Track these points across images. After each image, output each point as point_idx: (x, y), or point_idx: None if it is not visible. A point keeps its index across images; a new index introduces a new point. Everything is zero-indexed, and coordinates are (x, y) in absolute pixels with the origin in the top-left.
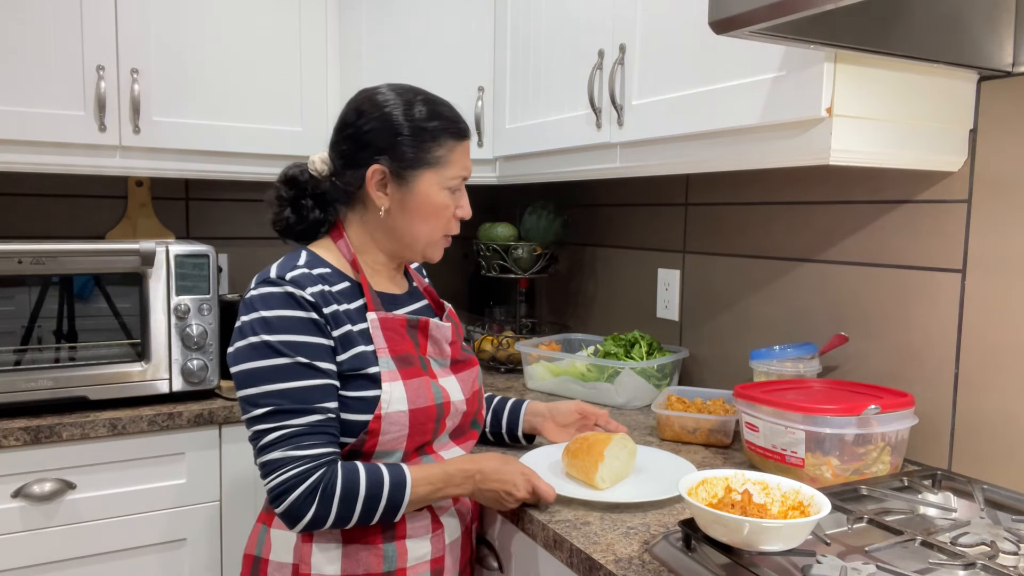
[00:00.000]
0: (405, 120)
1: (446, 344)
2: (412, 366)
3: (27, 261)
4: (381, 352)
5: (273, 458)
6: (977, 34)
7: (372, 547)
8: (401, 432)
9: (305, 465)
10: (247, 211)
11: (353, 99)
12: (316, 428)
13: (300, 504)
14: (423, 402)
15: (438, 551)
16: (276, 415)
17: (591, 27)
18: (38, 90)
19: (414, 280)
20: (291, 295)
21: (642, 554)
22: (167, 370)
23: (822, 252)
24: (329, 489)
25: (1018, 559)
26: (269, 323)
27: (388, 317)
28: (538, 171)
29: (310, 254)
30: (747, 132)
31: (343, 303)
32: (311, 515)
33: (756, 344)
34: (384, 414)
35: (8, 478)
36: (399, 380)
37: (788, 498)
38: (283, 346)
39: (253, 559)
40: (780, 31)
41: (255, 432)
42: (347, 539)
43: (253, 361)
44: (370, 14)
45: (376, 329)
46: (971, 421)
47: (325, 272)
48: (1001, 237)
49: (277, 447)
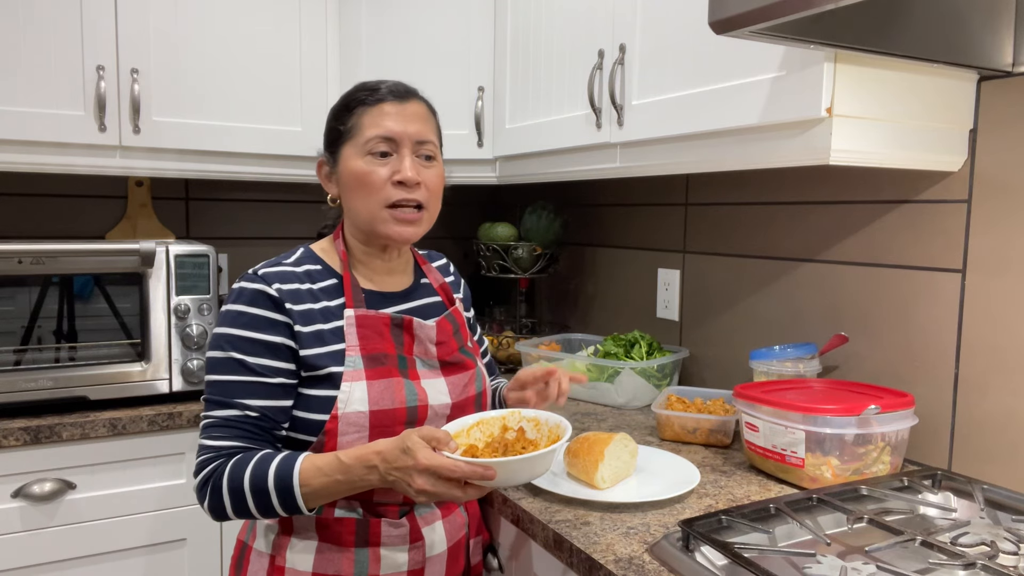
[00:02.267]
0: (332, 110)
1: (430, 344)
2: (383, 366)
3: (27, 261)
4: (351, 350)
5: (199, 443)
6: (977, 34)
7: (344, 550)
8: (360, 433)
9: (205, 455)
10: (247, 211)
11: None
12: (228, 422)
13: (199, 492)
14: (387, 404)
15: (416, 563)
16: (207, 403)
17: (591, 27)
18: (38, 90)
19: (427, 276)
20: (256, 291)
21: (642, 554)
22: (167, 370)
23: (822, 252)
24: (216, 481)
25: (1018, 559)
26: (225, 316)
27: (368, 315)
28: (538, 171)
29: (306, 251)
30: (747, 132)
31: (322, 300)
32: (207, 505)
33: (756, 344)
34: (341, 414)
35: (8, 478)
36: (363, 380)
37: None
38: (224, 340)
39: (242, 544)
40: (780, 31)
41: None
42: (322, 537)
43: (208, 351)
44: (370, 14)
45: (351, 327)
46: (971, 421)
47: (313, 269)
48: (1001, 237)
49: (201, 434)
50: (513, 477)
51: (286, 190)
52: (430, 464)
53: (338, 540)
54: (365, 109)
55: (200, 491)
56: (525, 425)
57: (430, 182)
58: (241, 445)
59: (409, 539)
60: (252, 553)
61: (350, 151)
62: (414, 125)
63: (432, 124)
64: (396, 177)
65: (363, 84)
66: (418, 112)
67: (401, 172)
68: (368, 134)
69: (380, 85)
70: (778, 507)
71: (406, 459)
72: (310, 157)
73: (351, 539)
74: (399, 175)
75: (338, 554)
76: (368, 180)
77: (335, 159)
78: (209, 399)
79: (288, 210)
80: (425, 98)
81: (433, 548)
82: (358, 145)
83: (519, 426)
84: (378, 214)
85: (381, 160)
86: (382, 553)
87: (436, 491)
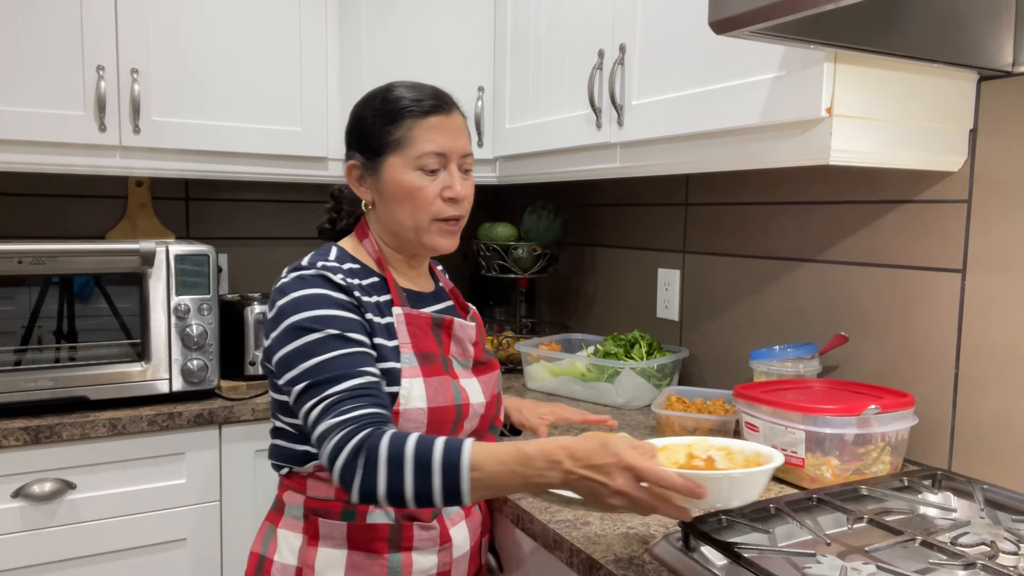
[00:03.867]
0: (369, 111)
1: (470, 344)
2: (434, 364)
3: (27, 261)
4: (404, 347)
5: (320, 432)
6: (977, 34)
7: (377, 556)
8: (419, 430)
9: (347, 428)
10: (247, 211)
11: None
12: (356, 392)
13: (347, 468)
14: (442, 401)
15: (444, 565)
16: (313, 388)
17: (591, 27)
18: (38, 90)
19: (440, 281)
20: (324, 276)
21: (642, 554)
22: (167, 370)
23: (822, 252)
24: (372, 452)
25: (1018, 559)
26: (299, 302)
27: (413, 314)
28: (538, 171)
29: (340, 250)
30: (747, 132)
31: (372, 295)
32: (359, 482)
33: (756, 344)
34: (402, 410)
35: (8, 478)
36: (420, 377)
37: (751, 461)
38: (312, 322)
39: (258, 558)
40: (780, 31)
41: (303, 414)
42: (352, 545)
43: (286, 346)
44: (370, 14)
45: (401, 324)
46: (971, 421)
47: (354, 267)
48: (1001, 237)
49: (322, 419)
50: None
51: (286, 190)
52: (634, 463)
53: (370, 547)
54: (415, 121)
55: (347, 468)
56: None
57: (471, 195)
58: (382, 412)
59: (439, 541)
60: (274, 566)
61: (397, 162)
62: (461, 139)
63: (468, 136)
64: (447, 194)
65: (401, 89)
66: (461, 125)
67: (452, 189)
68: (421, 149)
69: (422, 92)
70: (778, 507)
71: (606, 456)
72: (310, 157)
73: (384, 545)
74: (450, 192)
75: (370, 561)
76: (419, 195)
77: (376, 167)
78: (318, 381)
79: (288, 210)
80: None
81: (459, 549)
82: (409, 158)
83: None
84: (426, 226)
85: (431, 176)
86: (414, 557)
87: (635, 496)
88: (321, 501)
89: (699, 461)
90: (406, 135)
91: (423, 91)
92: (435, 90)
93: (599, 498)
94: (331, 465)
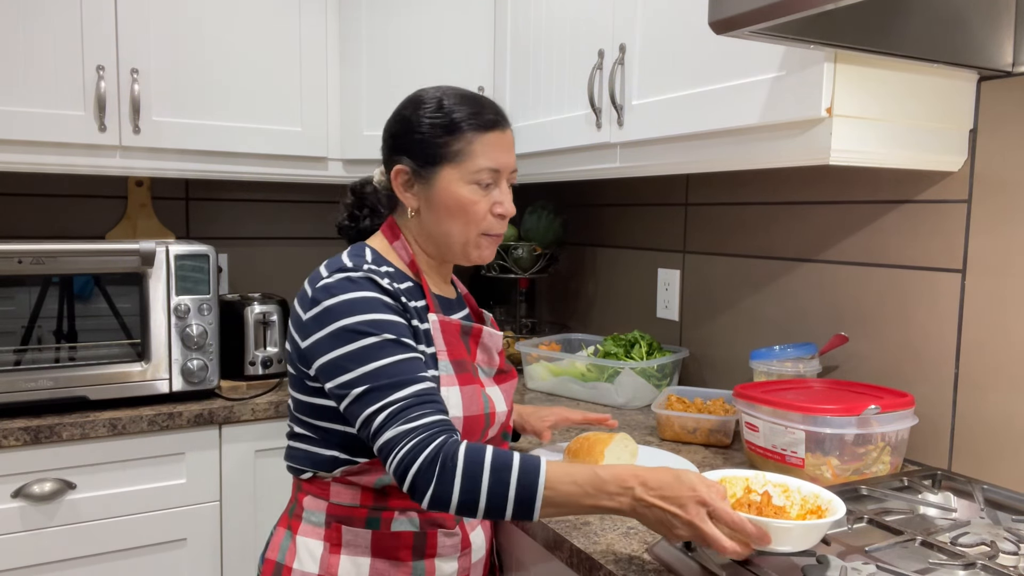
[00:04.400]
0: (425, 118)
1: (496, 353)
2: (467, 372)
3: (27, 261)
4: (441, 355)
5: (388, 438)
6: (977, 34)
7: (401, 564)
8: None
9: (420, 435)
10: (247, 211)
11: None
12: (421, 398)
13: (423, 476)
14: (475, 410)
15: (464, 570)
16: (374, 393)
17: (591, 27)
18: (38, 90)
19: (459, 288)
20: (371, 280)
21: (642, 554)
22: (167, 370)
23: (822, 252)
24: (450, 461)
25: (1018, 559)
26: (351, 305)
27: (447, 320)
28: (538, 171)
29: (374, 252)
30: (747, 132)
31: (411, 300)
32: (433, 489)
33: (756, 344)
34: None
35: (8, 478)
36: (456, 385)
37: (808, 501)
38: (368, 326)
39: (275, 565)
40: (780, 31)
41: (363, 419)
42: (375, 553)
43: (338, 349)
44: (370, 14)
45: (437, 331)
46: (971, 421)
47: (390, 270)
48: (1001, 237)
49: (389, 426)
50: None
51: (286, 190)
52: (710, 501)
53: (394, 554)
54: (476, 135)
55: (424, 475)
56: (771, 490)
57: (514, 211)
58: (447, 419)
59: (460, 547)
60: (293, 574)
61: (453, 174)
62: (512, 155)
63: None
64: (498, 210)
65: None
66: (512, 141)
67: (503, 206)
68: (480, 164)
69: (480, 106)
70: None
71: (680, 488)
72: (310, 157)
73: (408, 553)
74: (501, 208)
75: (394, 569)
76: (472, 209)
77: (428, 175)
78: (379, 386)
79: (288, 210)
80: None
81: (476, 553)
82: (466, 172)
83: (764, 490)
84: (474, 240)
85: (484, 190)
86: (437, 564)
87: (706, 531)
88: (346, 508)
89: (756, 495)
90: (465, 148)
91: (482, 104)
92: (492, 104)
93: (667, 528)
94: (403, 472)
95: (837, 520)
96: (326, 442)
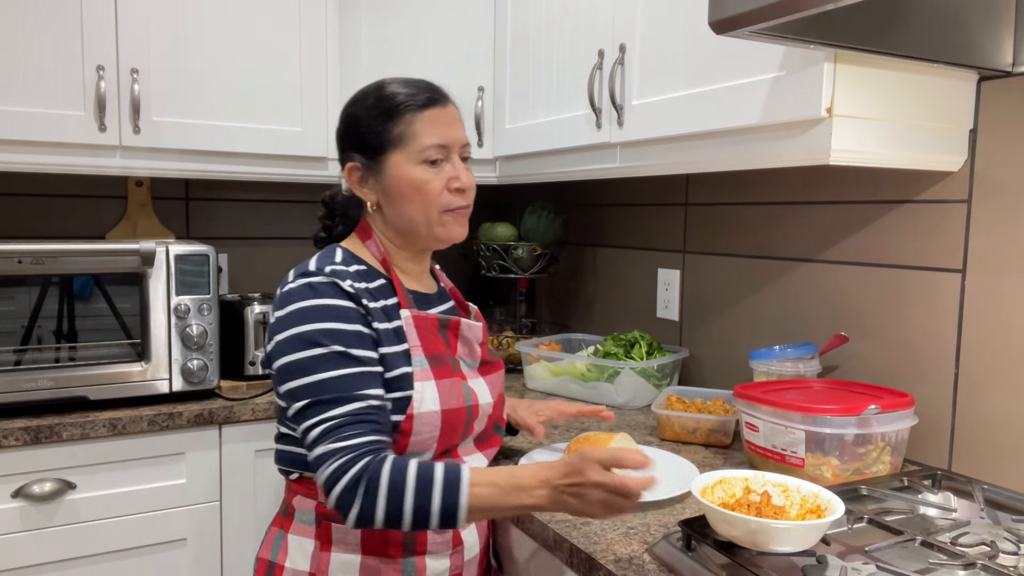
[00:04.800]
0: (364, 111)
1: (477, 345)
2: (444, 366)
3: (27, 261)
4: (415, 350)
5: (318, 453)
6: (977, 34)
7: (391, 561)
8: (432, 433)
9: (346, 456)
10: (247, 211)
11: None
12: (357, 417)
13: (345, 496)
14: (455, 403)
15: (456, 567)
16: (314, 407)
17: (591, 27)
18: (38, 90)
19: (441, 282)
20: (334, 284)
21: (642, 554)
22: (167, 370)
23: (822, 252)
24: (373, 481)
25: (1018, 559)
26: (307, 312)
27: (421, 315)
28: (538, 171)
29: (345, 251)
30: (747, 132)
31: (379, 299)
32: (357, 509)
33: (756, 344)
34: (416, 414)
35: (8, 478)
36: (431, 380)
37: (807, 501)
38: (320, 335)
39: (268, 564)
40: (780, 31)
41: (302, 430)
42: (366, 550)
43: (289, 355)
44: (370, 14)
45: (410, 327)
46: (971, 421)
47: (361, 268)
48: (1001, 237)
49: (321, 441)
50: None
51: (286, 190)
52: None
53: (384, 552)
54: (414, 115)
55: (347, 496)
56: (771, 490)
57: (474, 184)
58: (378, 439)
59: (451, 544)
60: (285, 572)
61: (401, 159)
62: (459, 129)
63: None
64: (454, 184)
65: (393, 86)
66: (457, 115)
67: (459, 180)
68: (424, 142)
69: (416, 87)
70: None
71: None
72: (310, 157)
73: (398, 549)
74: (457, 183)
75: (384, 565)
76: (427, 189)
77: (378, 166)
78: (320, 400)
79: (288, 210)
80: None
81: (470, 551)
82: (413, 153)
83: (764, 490)
84: (437, 219)
85: (435, 168)
86: (427, 561)
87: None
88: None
89: (755, 495)
90: (407, 130)
91: (417, 85)
92: (428, 83)
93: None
94: (328, 489)
95: (836, 520)
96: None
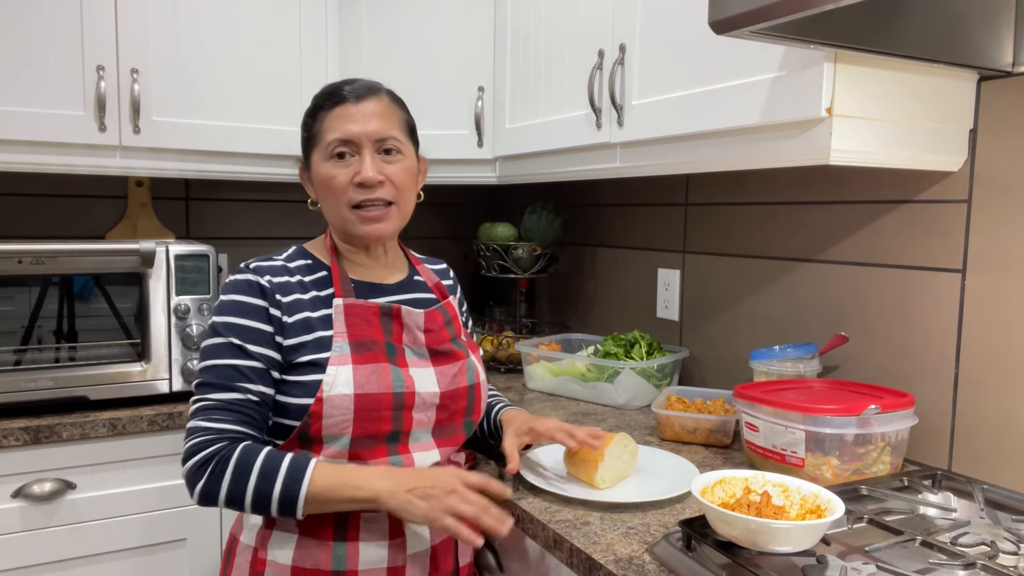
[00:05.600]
0: (305, 114)
1: (419, 332)
2: (370, 351)
3: (27, 261)
4: (338, 336)
5: (188, 427)
6: (977, 34)
7: (323, 543)
8: (345, 416)
9: (206, 436)
10: (247, 211)
11: None
12: (230, 405)
13: (195, 473)
14: (373, 388)
15: (397, 560)
16: (200, 387)
17: (591, 27)
18: (38, 90)
19: (419, 273)
20: (246, 281)
21: (642, 554)
22: (167, 370)
23: (822, 252)
24: (222, 463)
25: (1018, 559)
26: (221, 305)
27: (356, 303)
28: (538, 171)
29: (298, 248)
30: (747, 132)
31: (312, 291)
32: (201, 486)
33: (756, 344)
34: (326, 397)
35: (8, 478)
36: (348, 364)
37: (807, 501)
38: (223, 327)
39: (232, 538)
40: (780, 31)
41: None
42: (302, 531)
43: (204, 340)
44: (370, 13)
45: (339, 315)
46: (971, 421)
47: (305, 263)
48: (1001, 237)
49: (193, 418)
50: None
51: (286, 190)
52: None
53: (317, 533)
54: (325, 114)
55: (195, 473)
56: (771, 490)
57: (396, 177)
58: (243, 430)
59: (389, 535)
60: (239, 546)
61: (317, 156)
62: (372, 123)
63: (395, 118)
64: (356, 179)
65: (328, 87)
66: (376, 110)
67: (361, 173)
68: (329, 137)
69: (343, 87)
70: None
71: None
72: None
73: (330, 532)
74: (359, 176)
75: (317, 548)
76: (332, 184)
77: (310, 167)
78: (206, 383)
79: (288, 210)
80: (388, 92)
81: (415, 545)
82: (322, 149)
83: (764, 490)
84: (346, 216)
85: (342, 163)
86: (360, 548)
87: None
88: None
89: (755, 495)
90: (318, 129)
91: (339, 85)
92: (351, 81)
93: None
94: (183, 462)
95: (836, 520)
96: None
